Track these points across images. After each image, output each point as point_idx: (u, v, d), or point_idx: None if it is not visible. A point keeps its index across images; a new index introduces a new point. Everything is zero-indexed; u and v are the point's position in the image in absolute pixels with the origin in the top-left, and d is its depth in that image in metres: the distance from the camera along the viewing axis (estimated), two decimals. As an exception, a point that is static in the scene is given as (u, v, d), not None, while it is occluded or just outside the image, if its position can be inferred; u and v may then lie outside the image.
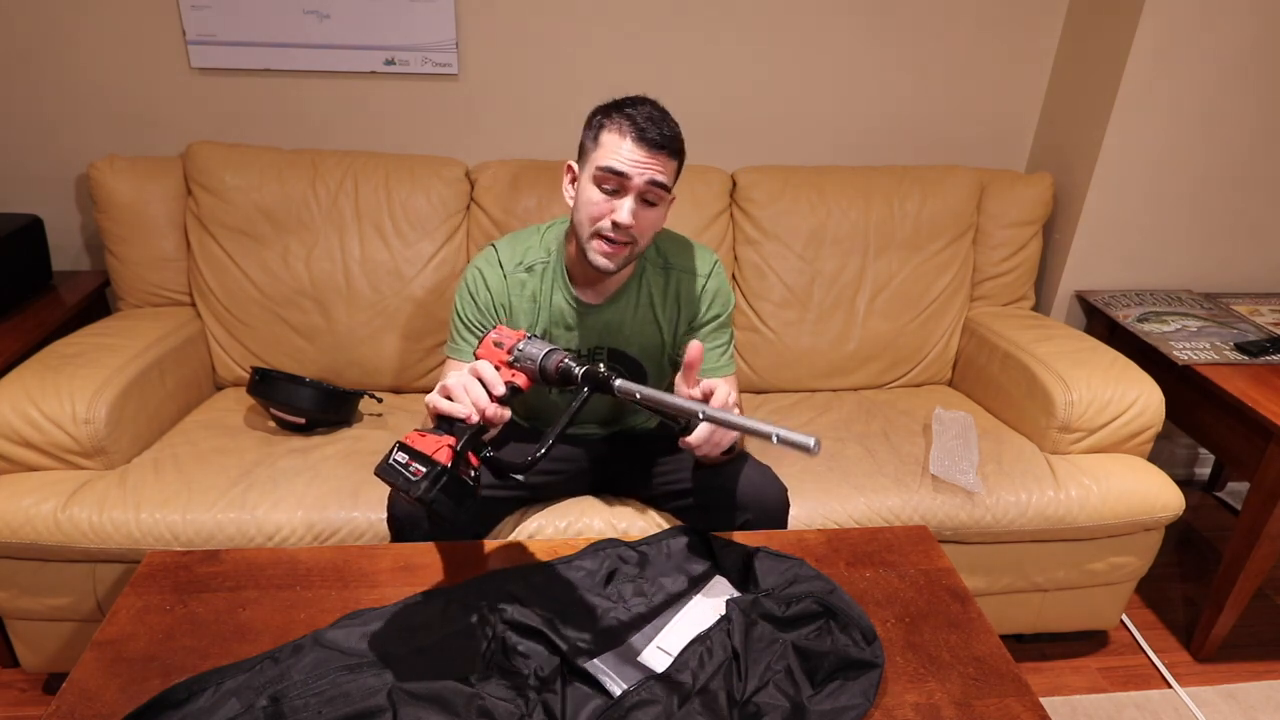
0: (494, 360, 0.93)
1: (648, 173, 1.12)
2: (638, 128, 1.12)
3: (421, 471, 0.81)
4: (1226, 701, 1.62)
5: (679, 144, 1.16)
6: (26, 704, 1.53)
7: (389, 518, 1.24)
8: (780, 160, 2.03)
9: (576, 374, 0.89)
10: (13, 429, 1.38)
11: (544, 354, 0.91)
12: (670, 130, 1.14)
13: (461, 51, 1.89)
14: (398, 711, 0.82)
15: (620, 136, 1.12)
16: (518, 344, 0.93)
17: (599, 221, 1.15)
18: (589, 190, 1.16)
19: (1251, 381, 1.61)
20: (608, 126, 1.14)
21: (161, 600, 0.98)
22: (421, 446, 0.83)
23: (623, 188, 1.13)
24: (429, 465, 0.81)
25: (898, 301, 1.91)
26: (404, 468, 0.82)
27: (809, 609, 0.95)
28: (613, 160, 1.12)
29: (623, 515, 1.39)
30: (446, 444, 0.84)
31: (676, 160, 1.17)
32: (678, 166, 1.19)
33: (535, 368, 0.91)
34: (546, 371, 0.90)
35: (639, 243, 1.17)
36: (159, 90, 1.86)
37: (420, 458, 0.82)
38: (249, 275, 1.75)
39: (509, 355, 0.93)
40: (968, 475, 1.51)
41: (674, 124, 1.16)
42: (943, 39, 1.99)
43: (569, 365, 0.89)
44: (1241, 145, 1.94)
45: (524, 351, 0.92)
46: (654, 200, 1.16)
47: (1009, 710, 0.88)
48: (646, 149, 1.12)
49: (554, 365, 0.90)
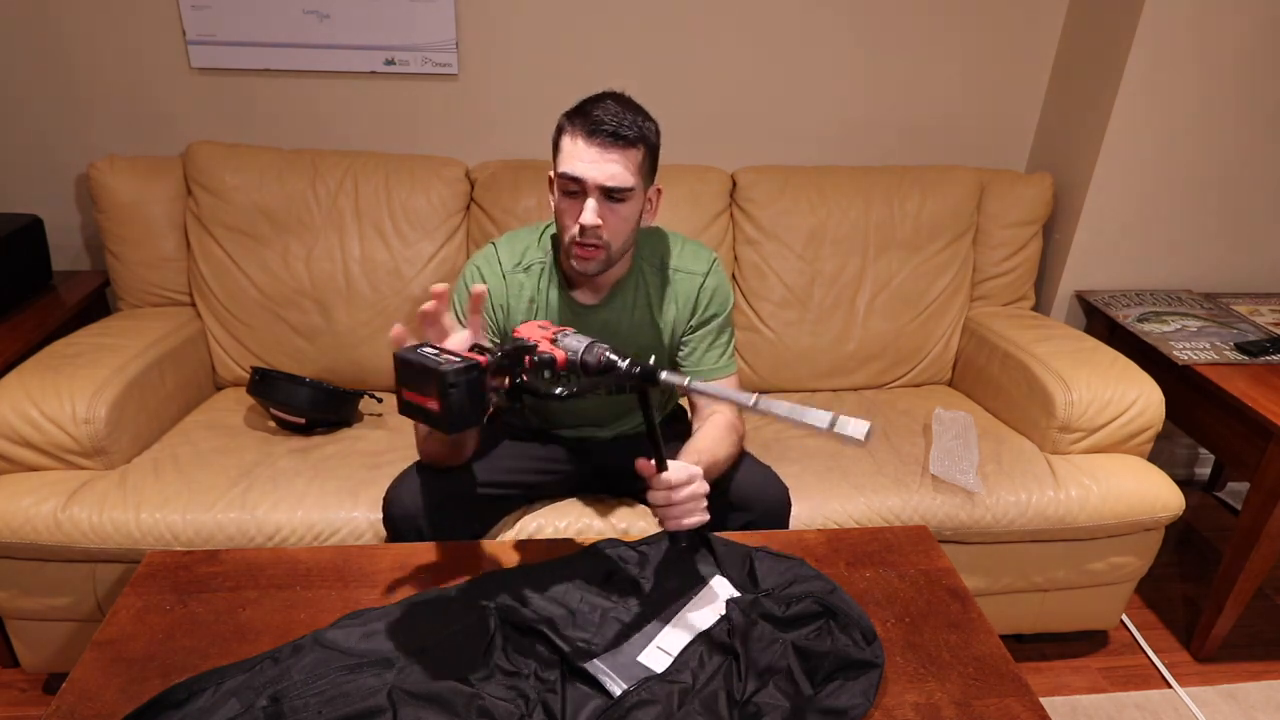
0: (538, 336, 0.93)
1: (603, 169, 1.09)
2: (589, 125, 1.09)
3: (455, 360, 0.80)
4: (1226, 701, 1.62)
5: (639, 133, 1.11)
6: (26, 704, 1.53)
7: (385, 518, 1.23)
8: (780, 160, 2.03)
9: (621, 366, 0.88)
10: (13, 429, 1.38)
11: (584, 346, 0.90)
12: (626, 120, 1.10)
13: (461, 51, 1.89)
14: (398, 711, 0.82)
15: (574, 139, 1.11)
16: (560, 332, 0.93)
17: (570, 229, 1.14)
18: (557, 198, 1.15)
19: (1251, 381, 1.61)
20: (565, 129, 1.13)
21: (161, 600, 0.98)
22: (455, 350, 0.84)
23: (582, 189, 1.12)
24: (464, 359, 0.81)
25: (898, 301, 1.91)
26: (435, 355, 0.81)
27: (809, 609, 0.95)
28: (566, 165, 1.11)
29: (623, 515, 1.40)
30: (482, 356, 0.84)
31: (639, 150, 1.12)
32: (643, 158, 1.13)
33: (577, 360, 0.90)
34: (587, 364, 0.89)
35: (611, 243, 1.15)
36: (159, 90, 1.86)
37: (454, 354, 0.82)
38: (249, 275, 1.75)
39: (552, 336, 0.93)
40: (968, 475, 1.51)
41: (634, 116, 1.11)
42: (943, 39, 1.99)
43: (611, 358, 0.88)
44: (1241, 145, 1.94)
45: (565, 342, 0.92)
46: (620, 196, 1.12)
47: (1009, 710, 0.88)
48: (599, 145, 1.09)
49: (596, 358, 0.89)
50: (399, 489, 1.22)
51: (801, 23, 1.94)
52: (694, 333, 1.32)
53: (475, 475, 1.28)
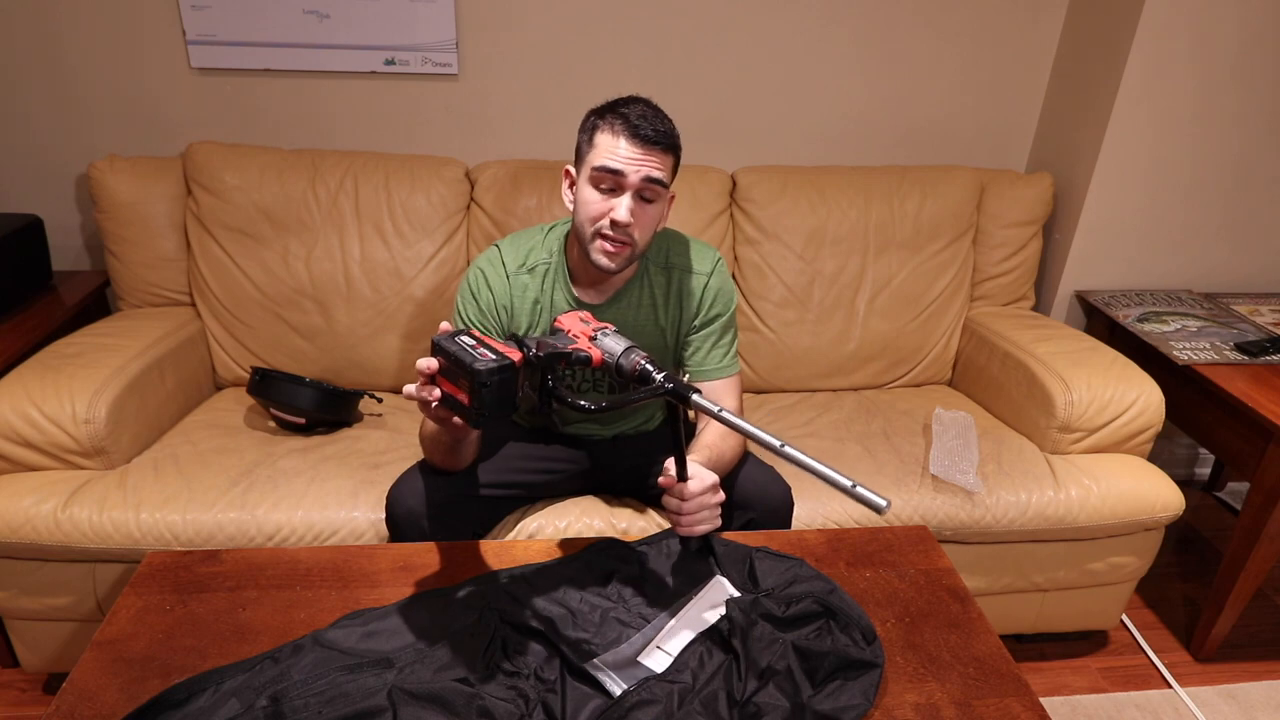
0: (578, 330, 0.93)
1: (643, 169, 1.12)
2: (631, 125, 1.12)
3: (490, 356, 0.82)
4: (1226, 701, 1.62)
5: (674, 140, 1.16)
6: (26, 704, 1.53)
7: (387, 517, 1.24)
8: (780, 160, 2.04)
9: (657, 379, 0.87)
10: (13, 429, 1.38)
11: (622, 350, 0.90)
12: (664, 126, 1.14)
13: (461, 51, 1.89)
14: (398, 711, 0.82)
15: (614, 136, 1.13)
16: (601, 329, 0.93)
17: (599, 221, 1.15)
18: (586, 191, 1.16)
19: (1251, 381, 1.61)
20: (601, 127, 1.14)
21: (161, 600, 0.98)
22: (492, 343, 0.85)
23: (619, 186, 1.13)
24: (499, 356, 0.82)
25: (898, 301, 1.91)
26: (472, 348, 0.83)
27: (809, 609, 0.95)
28: (607, 159, 1.12)
29: (623, 515, 1.39)
30: (517, 352, 0.85)
31: (672, 156, 1.17)
32: (674, 163, 1.18)
33: (613, 364, 0.90)
34: (622, 369, 0.89)
35: (639, 241, 1.17)
36: (159, 90, 1.86)
37: (490, 348, 0.83)
38: (249, 275, 1.75)
39: (592, 332, 0.92)
40: (968, 475, 1.51)
41: (668, 121, 1.16)
42: (943, 39, 1.99)
43: (647, 368, 0.88)
44: (1241, 145, 1.94)
45: (603, 342, 0.91)
46: (651, 197, 1.15)
47: (1009, 710, 0.88)
48: (641, 146, 1.12)
49: (631, 365, 0.89)
50: (402, 488, 1.22)
51: (802, 23, 1.94)
52: (698, 332, 1.32)
53: (478, 475, 1.28)
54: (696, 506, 1.03)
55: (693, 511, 1.03)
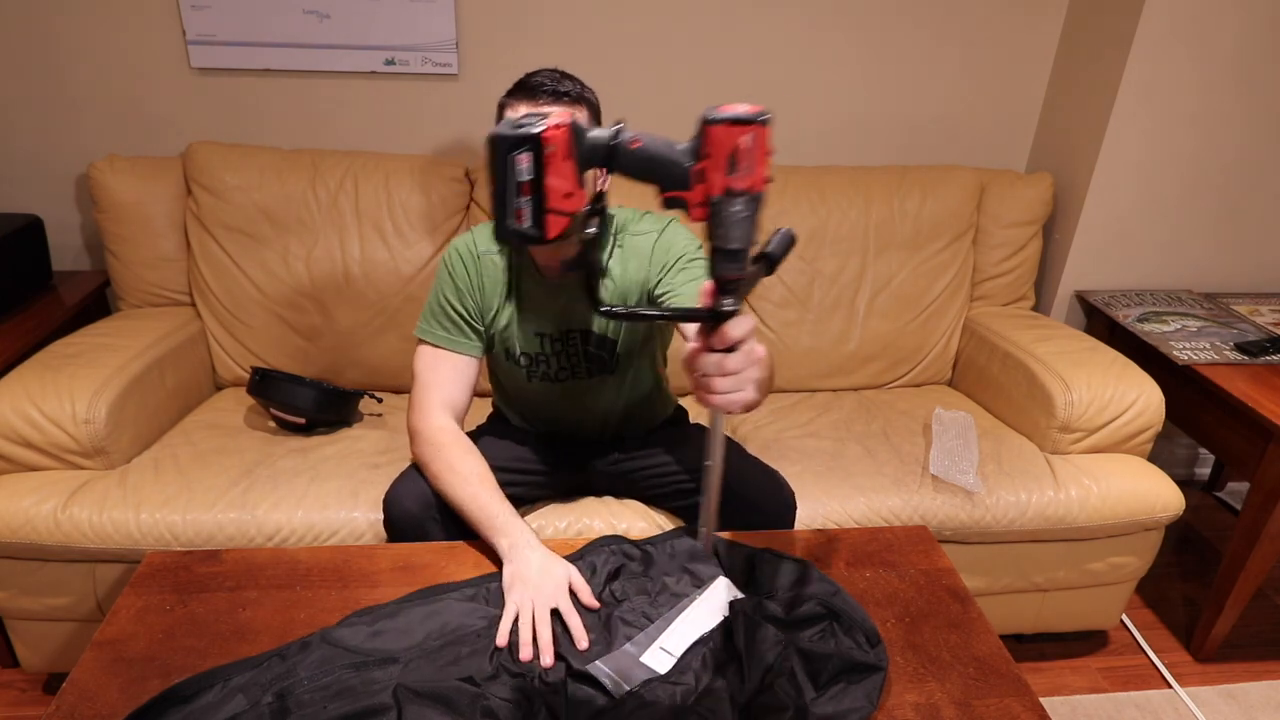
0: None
1: None
2: (528, 90, 1.13)
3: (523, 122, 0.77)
4: (1226, 701, 1.62)
5: (579, 92, 1.15)
6: (26, 704, 1.53)
7: (385, 519, 1.23)
8: (780, 160, 2.03)
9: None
10: (13, 429, 1.37)
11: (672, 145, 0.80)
12: (566, 83, 1.14)
13: (461, 51, 1.89)
14: (402, 710, 0.82)
15: (515, 107, 1.13)
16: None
17: None
18: None
19: (1251, 381, 1.61)
20: (506, 106, 1.15)
21: (161, 600, 0.98)
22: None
23: None
24: (533, 120, 0.77)
25: (898, 301, 1.91)
26: (519, 119, 0.78)
27: (813, 611, 0.95)
28: None
29: (623, 515, 1.39)
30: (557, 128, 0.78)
31: (582, 109, 1.14)
32: (587, 118, 1.15)
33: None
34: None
35: None
36: (159, 90, 1.85)
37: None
38: (249, 275, 1.75)
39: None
40: (968, 475, 1.51)
41: (573, 79, 1.15)
42: (943, 39, 1.99)
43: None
44: (1241, 145, 1.95)
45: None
46: None
47: (1009, 710, 0.88)
48: (529, 103, 1.12)
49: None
50: (399, 489, 1.22)
51: (801, 23, 1.94)
52: (664, 277, 1.25)
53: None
54: (744, 360, 0.75)
55: (737, 369, 0.75)
